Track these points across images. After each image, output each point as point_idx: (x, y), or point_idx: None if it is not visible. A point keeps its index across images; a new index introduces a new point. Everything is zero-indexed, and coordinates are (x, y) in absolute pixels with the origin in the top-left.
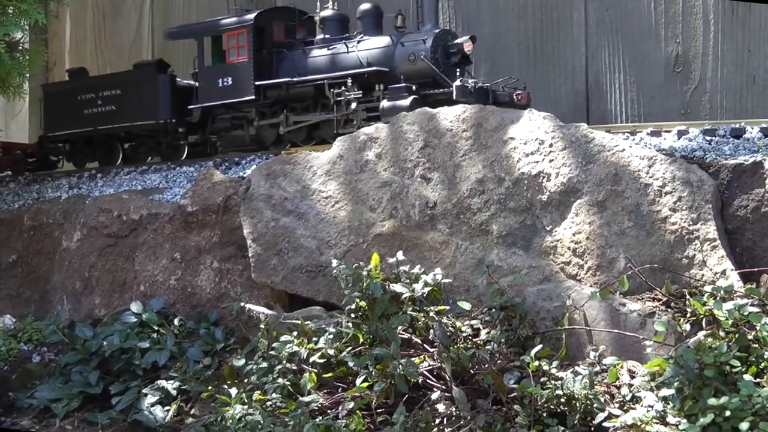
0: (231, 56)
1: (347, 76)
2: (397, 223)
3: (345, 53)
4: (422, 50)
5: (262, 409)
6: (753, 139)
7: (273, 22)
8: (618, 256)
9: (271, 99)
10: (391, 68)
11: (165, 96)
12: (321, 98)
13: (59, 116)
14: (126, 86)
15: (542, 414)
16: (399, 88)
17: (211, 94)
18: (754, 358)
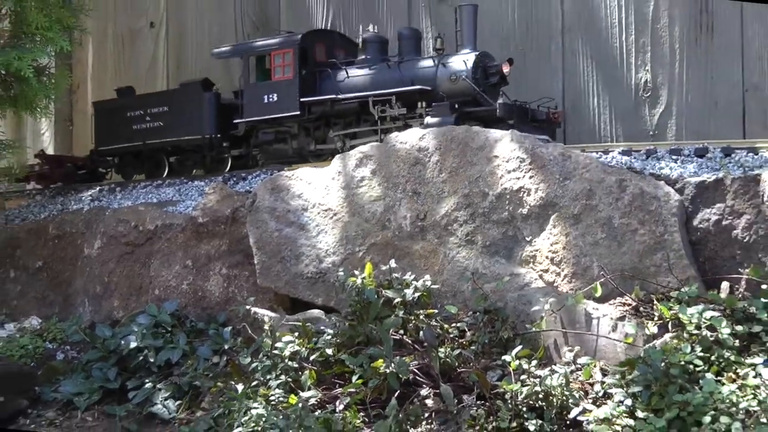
0: (276, 74)
1: (392, 93)
2: (390, 233)
3: (387, 73)
4: (464, 71)
5: (266, 403)
6: (715, 158)
7: (315, 43)
8: (592, 264)
9: (315, 114)
10: (433, 87)
11: (210, 112)
12: (364, 114)
13: (109, 131)
14: (173, 103)
15: (522, 409)
16: (442, 106)
17: (257, 109)
18: (715, 359)
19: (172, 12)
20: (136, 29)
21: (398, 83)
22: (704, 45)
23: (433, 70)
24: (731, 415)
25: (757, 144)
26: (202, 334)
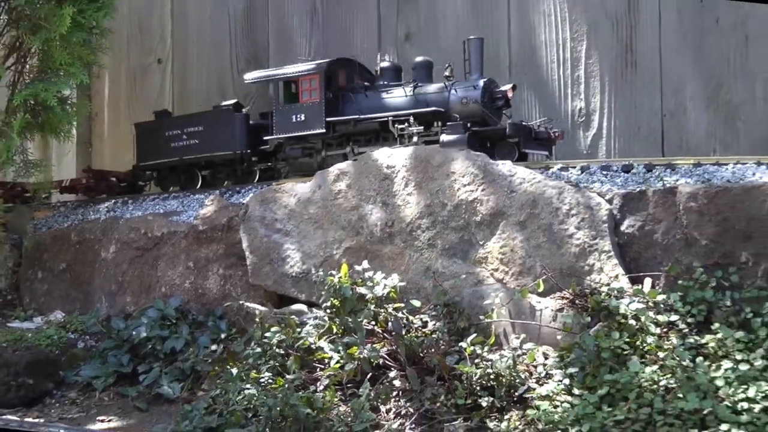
0: (304, 97)
1: (410, 114)
2: (363, 238)
3: (404, 96)
4: (474, 95)
5: (257, 384)
6: (639, 173)
7: (338, 70)
8: (535, 264)
9: (339, 132)
10: (446, 109)
11: (241, 131)
12: (383, 132)
13: (149, 149)
14: (207, 123)
15: (476, 388)
16: (456, 125)
17: (286, 127)
18: (640, 344)
19: (177, 50)
20: (146, 65)
21: (414, 105)
22: (629, 78)
23: (445, 94)
24: (653, 392)
25: (674, 161)
26: (202, 325)
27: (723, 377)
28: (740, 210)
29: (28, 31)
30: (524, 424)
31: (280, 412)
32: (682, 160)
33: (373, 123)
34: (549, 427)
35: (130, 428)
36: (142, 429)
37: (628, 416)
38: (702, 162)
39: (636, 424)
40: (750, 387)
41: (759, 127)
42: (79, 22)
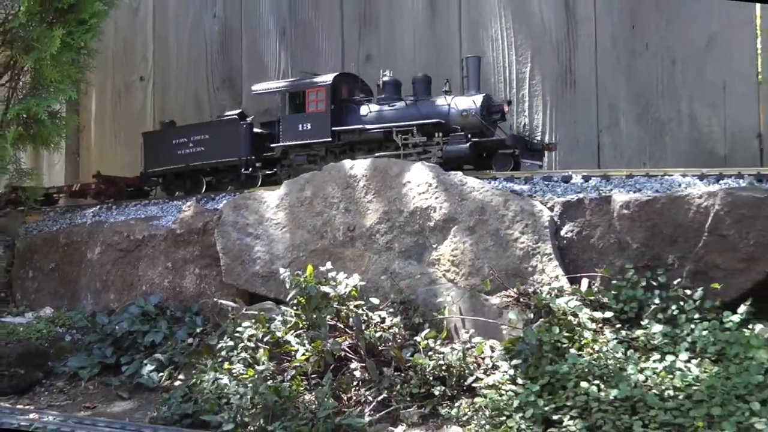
0: (310, 107)
1: (413, 125)
2: (327, 242)
3: (405, 108)
4: (473, 109)
5: (229, 374)
6: (577, 183)
7: (341, 84)
8: (483, 265)
9: (343, 141)
10: (447, 121)
11: (246, 138)
12: (386, 142)
13: (156, 156)
14: (213, 132)
15: (429, 378)
16: (458, 136)
17: (292, 136)
18: (577, 338)
19: (158, 68)
20: (129, 82)
21: (416, 117)
22: (568, 96)
23: (446, 107)
24: (588, 381)
25: (609, 173)
26: (179, 321)
27: (651, 368)
28: (667, 217)
29: (21, 51)
30: (473, 411)
31: (251, 400)
32: (616, 172)
33: (377, 133)
34: (495, 413)
35: (114, 415)
36: (124, 415)
37: (566, 403)
38: (634, 174)
39: (573, 410)
40: (675, 377)
41: (684, 143)
42: (69, 43)
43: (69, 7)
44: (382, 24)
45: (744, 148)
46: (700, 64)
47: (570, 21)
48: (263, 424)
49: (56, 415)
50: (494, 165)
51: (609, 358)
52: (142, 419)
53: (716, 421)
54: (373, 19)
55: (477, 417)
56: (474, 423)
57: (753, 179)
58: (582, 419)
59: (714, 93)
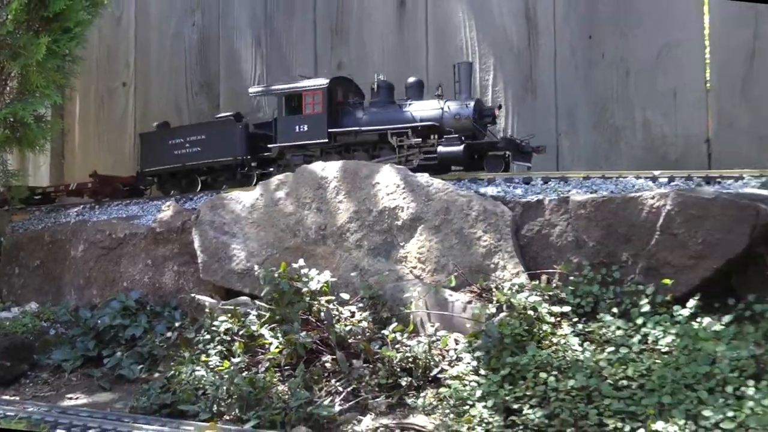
0: (307, 109)
1: (408, 127)
2: (300, 240)
3: (400, 111)
4: (466, 112)
5: (206, 366)
6: (537, 185)
7: (337, 87)
8: (448, 263)
9: (340, 142)
10: (440, 124)
11: (242, 139)
12: (381, 143)
13: (152, 156)
14: (209, 132)
15: (396, 369)
16: (453, 138)
17: (289, 137)
18: (537, 331)
19: (140, 75)
20: (112, 87)
21: (410, 120)
22: (529, 103)
23: (439, 111)
24: (547, 371)
25: (567, 175)
26: (158, 315)
27: (606, 359)
28: (622, 217)
29: (8, 58)
30: (437, 400)
31: (226, 390)
32: (574, 174)
33: (372, 134)
34: (459, 402)
35: (95, 405)
36: (106, 405)
37: (526, 393)
38: (590, 175)
39: (533, 399)
40: (629, 367)
41: (637, 148)
42: (54, 50)
43: (54, 15)
44: (352, 34)
45: (693, 152)
46: (652, 73)
47: (531, 32)
48: (238, 414)
49: (40, 405)
50: (486, 166)
51: (566, 350)
52: (123, 409)
53: (667, 409)
54: (345, 30)
55: (442, 406)
56: (439, 412)
57: (702, 181)
58: (541, 408)
59: (665, 101)
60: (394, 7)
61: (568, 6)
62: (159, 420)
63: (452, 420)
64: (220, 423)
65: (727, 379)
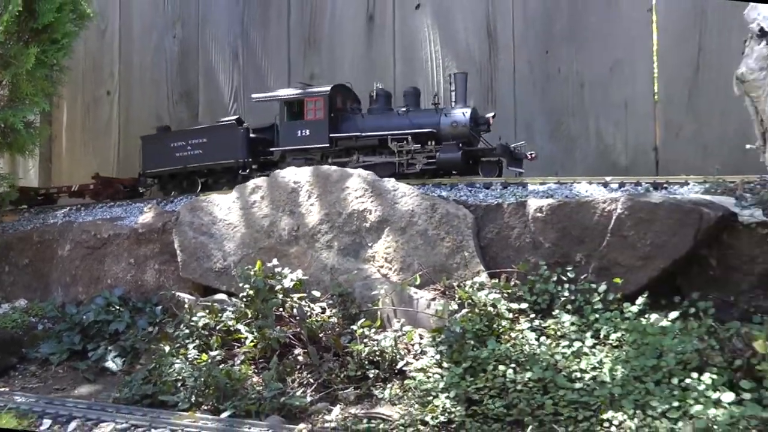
0: (309, 115)
1: (408, 133)
2: (274, 240)
3: (399, 118)
4: (463, 120)
5: (185, 359)
6: (497, 189)
7: (337, 94)
8: (413, 262)
9: (340, 147)
10: (438, 130)
11: (243, 142)
12: (380, 148)
13: (154, 158)
14: (211, 136)
15: (365, 362)
16: (451, 145)
17: (291, 141)
18: (496, 326)
19: (123, 84)
20: (97, 96)
21: (408, 126)
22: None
23: (437, 118)
24: (506, 364)
25: (525, 181)
26: (140, 311)
27: (561, 353)
28: (575, 220)
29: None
30: (403, 392)
31: (204, 382)
32: (531, 180)
33: (372, 139)
34: (423, 393)
35: (81, 396)
36: (90, 396)
37: (486, 384)
38: (546, 181)
39: (493, 390)
40: (582, 360)
41: (591, 156)
42: (43, 60)
43: (43, 27)
44: (324, 47)
45: (642, 159)
46: (605, 86)
47: (492, 47)
48: (215, 404)
49: (29, 396)
50: (481, 171)
51: (524, 344)
52: (106, 400)
53: (617, 400)
54: (317, 43)
55: (407, 397)
56: (404, 402)
57: (650, 187)
58: (500, 398)
59: (617, 112)
60: (363, 21)
61: (526, 24)
62: (140, 410)
63: (417, 410)
64: (198, 412)
65: (672, 371)
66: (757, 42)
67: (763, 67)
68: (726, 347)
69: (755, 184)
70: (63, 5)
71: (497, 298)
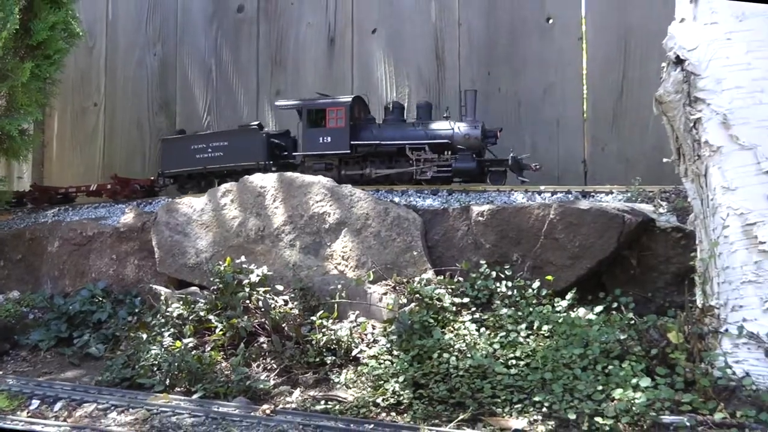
0: (330, 123)
1: (425, 144)
2: (242, 239)
3: (414, 129)
4: (475, 133)
5: (161, 346)
6: (443, 196)
7: (356, 104)
8: (367, 260)
9: (360, 154)
10: (451, 141)
11: (264, 146)
12: (397, 156)
13: (174, 159)
14: (233, 139)
15: (323, 350)
16: (465, 155)
17: (313, 146)
18: (441, 318)
19: (109, 96)
20: (85, 106)
21: (424, 137)
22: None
23: (450, 131)
24: (449, 352)
25: (468, 188)
26: (121, 302)
27: (498, 342)
28: (513, 223)
29: None
30: (357, 376)
31: (178, 366)
32: (474, 187)
33: (391, 147)
34: (375, 378)
35: (66, 378)
36: (75, 379)
37: (431, 370)
38: (487, 189)
39: (437, 375)
40: (517, 349)
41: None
42: (37, 74)
43: (38, 44)
44: (289, 65)
45: (572, 171)
46: (539, 105)
47: (439, 68)
48: (188, 386)
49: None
50: (490, 179)
51: (465, 334)
52: (90, 382)
53: (548, 384)
54: (283, 62)
55: (360, 381)
56: (358, 386)
57: (579, 195)
58: (444, 383)
59: (550, 128)
60: (325, 44)
61: (470, 48)
62: (120, 391)
63: (369, 393)
64: (172, 394)
65: (597, 359)
66: (673, 68)
67: (678, 91)
68: (644, 338)
69: (671, 193)
70: (55, 24)
71: (442, 293)
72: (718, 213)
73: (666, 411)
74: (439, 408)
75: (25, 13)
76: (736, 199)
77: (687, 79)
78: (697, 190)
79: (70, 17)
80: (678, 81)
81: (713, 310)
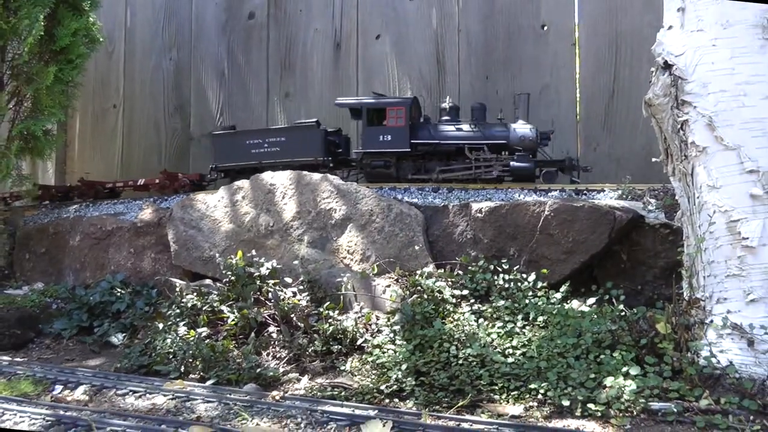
0: (391, 122)
1: (484, 144)
2: (253, 234)
3: (471, 130)
4: (531, 135)
5: (176, 335)
6: (443, 193)
7: (413, 105)
8: (372, 254)
9: (420, 152)
10: (508, 142)
11: (321, 142)
12: (456, 155)
13: (227, 153)
14: (290, 135)
15: (329, 339)
16: (523, 155)
17: (373, 144)
18: (441, 310)
19: (127, 98)
20: (105, 108)
21: (481, 138)
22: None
23: (506, 132)
24: (450, 342)
25: (467, 186)
26: (139, 293)
27: (496, 332)
28: (510, 219)
29: (24, 83)
30: (362, 364)
31: (192, 354)
32: (472, 185)
33: (450, 147)
34: (379, 366)
35: (87, 365)
36: (95, 366)
37: (432, 359)
38: (485, 187)
39: (438, 364)
40: (513, 339)
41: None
42: (60, 78)
43: (61, 49)
44: (298, 69)
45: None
46: (535, 106)
47: (440, 71)
48: (201, 373)
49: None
50: (543, 178)
51: (465, 325)
52: (109, 369)
53: (543, 372)
54: (291, 65)
55: (365, 369)
56: (363, 373)
57: (572, 192)
58: (444, 371)
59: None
60: (331, 48)
61: (469, 53)
62: (138, 377)
63: (373, 380)
64: (186, 380)
65: (589, 348)
66: (662, 73)
67: (666, 94)
68: (634, 328)
69: (659, 191)
70: (77, 31)
71: (443, 286)
72: (704, 210)
73: (655, 398)
74: (440, 395)
75: (49, 21)
76: (721, 197)
77: (675, 83)
78: (684, 188)
79: (91, 24)
80: (666, 85)
81: (699, 302)
